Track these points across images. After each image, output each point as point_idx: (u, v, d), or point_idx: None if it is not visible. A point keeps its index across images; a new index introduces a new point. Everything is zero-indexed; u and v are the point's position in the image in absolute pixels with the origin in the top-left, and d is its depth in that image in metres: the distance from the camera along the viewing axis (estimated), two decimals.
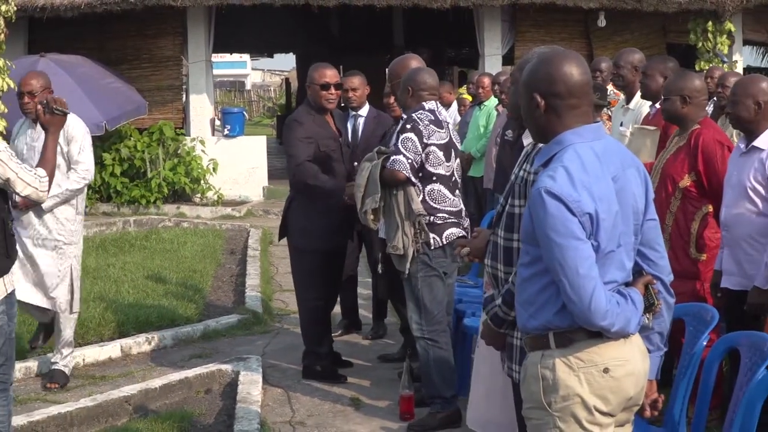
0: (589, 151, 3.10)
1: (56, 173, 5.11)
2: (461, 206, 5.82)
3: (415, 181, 5.60)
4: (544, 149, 3.23)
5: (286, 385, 6.59)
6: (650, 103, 6.61)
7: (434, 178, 5.66)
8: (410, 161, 5.56)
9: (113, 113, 13.69)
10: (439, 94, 5.95)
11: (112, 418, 5.90)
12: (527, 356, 3.23)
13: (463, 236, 5.63)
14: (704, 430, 4.24)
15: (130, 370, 6.95)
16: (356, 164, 6.52)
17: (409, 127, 5.63)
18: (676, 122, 5.64)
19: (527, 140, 4.15)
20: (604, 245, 3.03)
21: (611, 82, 7.80)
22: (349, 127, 7.35)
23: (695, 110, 5.50)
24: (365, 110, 7.58)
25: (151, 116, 15.18)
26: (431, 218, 5.63)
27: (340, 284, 6.99)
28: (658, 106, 6.29)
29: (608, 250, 3.05)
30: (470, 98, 11.53)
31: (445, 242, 5.65)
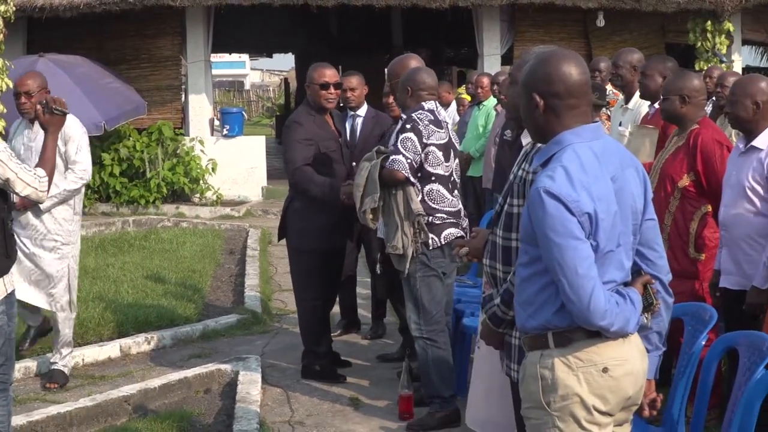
0: (588, 151, 3.10)
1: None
2: (460, 206, 5.81)
3: (414, 181, 5.60)
4: (543, 149, 3.23)
5: (285, 384, 6.59)
6: (649, 102, 6.61)
7: (433, 178, 5.65)
8: (409, 161, 5.55)
9: (112, 113, 13.70)
10: (438, 94, 5.95)
11: (111, 417, 5.90)
12: (526, 356, 3.23)
13: (461, 236, 5.63)
14: (703, 429, 4.24)
15: (129, 369, 6.94)
16: (355, 164, 6.53)
17: (408, 127, 5.62)
18: (675, 122, 5.65)
19: (526, 140, 4.15)
20: (603, 245, 3.03)
21: (610, 81, 7.80)
22: (347, 127, 7.34)
23: (694, 110, 5.51)
24: (363, 110, 7.59)
25: (150, 116, 15.19)
26: (430, 218, 5.63)
27: (338, 284, 6.99)
28: (656, 105, 6.29)
29: (607, 249, 3.05)
30: (469, 98, 11.53)
31: (443, 242, 5.64)
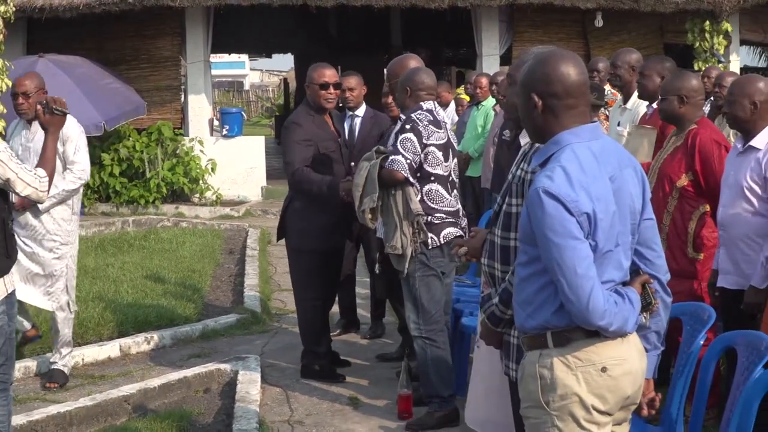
0: (586, 151, 3.10)
1: None
2: (458, 206, 5.82)
3: (413, 181, 5.60)
4: (541, 149, 3.23)
5: (284, 384, 6.60)
6: (647, 103, 6.62)
7: (432, 178, 5.66)
8: (409, 161, 5.56)
9: (112, 113, 13.71)
10: (436, 94, 5.95)
11: (111, 417, 5.91)
12: (525, 355, 3.23)
13: (460, 236, 5.64)
14: (701, 428, 4.24)
15: (129, 369, 6.95)
16: (353, 164, 6.53)
17: (408, 127, 5.63)
18: (673, 122, 5.65)
19: (524, 140, 4.16)
20: (601, 245, 3.04)
21: (608, 81, 7.81)
22: (345, 127, 7.35)
23: (692, 110, 5.51)
24: (362, 110, 7.60)
25: (149, 116, 15.20)
26: (429, 218, 5.63)
27: (338, 284, 7.00)
28: (655, 106, 6.30)
29: (606, 249, 3.06)
30: (468, 98, 11.53)
31: (442, 242, 5.65)
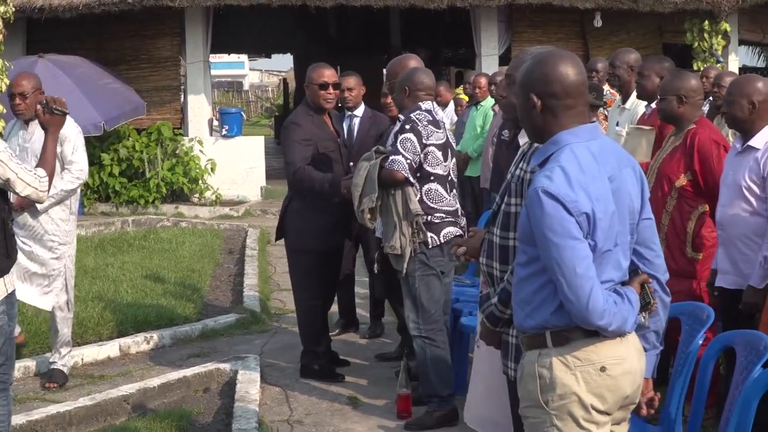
0: (585, 151, 3.10)
1: None
2: (457, 206, 5.83)
3: (413, 181, 5.61)
4: (540, 149, 3.23)
5: (284, 384, 6.60)
6: (646, 103, 6.62)
7: (432, 177, 5.67)
8: (409, 161, 5.56)
9: (112, 113, 13.72)
10: (435, 94, 5.96)
11: (110, 417, 5.91)
12: (524, 355, 3.23)
13: (460, 235, 5.65)
14: (700, 428, 4.23)
15: (128, 369, 6.95)
16: (352, 164, 6.54)
17: (408, 127, 5.63)
18: (672, 122, 5.65)
19: (523, 140, 4.17)
20: (600, 245, 3.04)
21: (607, 82, 7.82)
22: (344, 127, 7.35)
23: (691, 110, 5.52)
24: (361, 110, 7.61)
25: (149, 116, 15.22)
26: (429, 217, 5.64)
27: (337, 284, 7.01)
28: (653, 106, 6.30)
29: (605, 249, 3.06)
30: (467, 98, 11.54)
31: (443, 241, 5.65)
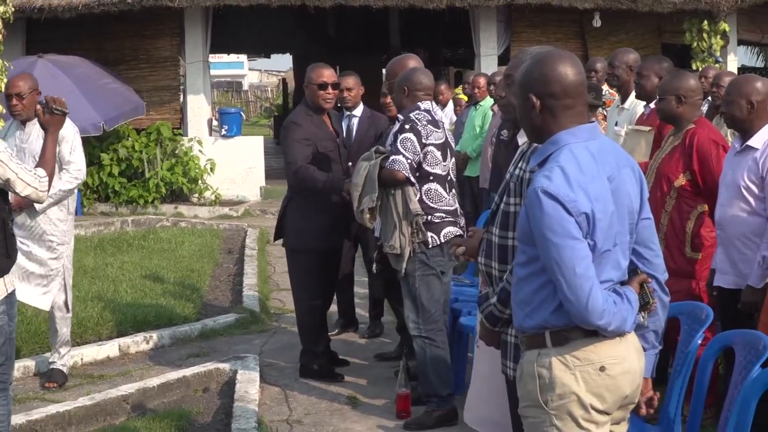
0: (584, 151, 3.10)
1: None
2: (456, 205, 5.83)
3: (413, 181, 5.62)
4: (539, 149, 3.23)
5: (283, 383, 6.61)
6: (644, 103, 6.62)
7: (431, 177, 5.67)
8: (409, 161, 5.56)
9: (111, 113, 13.72)
10: (434, 94, 5.96)
11: (110, 417, 5.91)
12: (523, 355, 3.23)
13: (460, 235, 5.65)
14: (699, 428, 4.24)
15: (128, 369, 6.96)
16: (351, 164, 6.55)
17: (407, 127, 5.64)
18: (671, 122, 5.66)
19: (522, 139, 4.17)
20: (600, 245, 3.04)
21: (606, 82, 7.82)
22: (343, 127, 7.36)
23: (690, 110, 5.52)
24: (359, 110, 7.61)
25: (148, 116, 15.23)
26: (429, 217, 5.64)
27: (336, 283, 7.01)
28: (652, 106, 6.31)
29: (604, 249, 3.06)
30: (466, 98, 11.55)
31: (442, 241, 5.66)
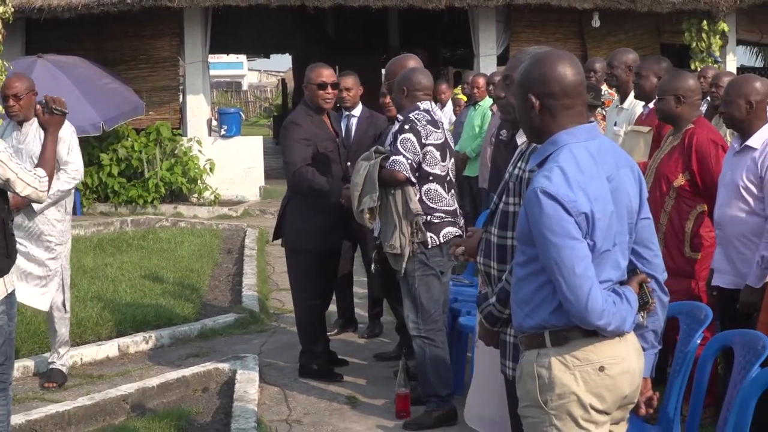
0: (583, 151, 3.11)
1: None
2: (455, 205, 5.83)
3: (414, 181, 5.62)
4: (539, 149, 3.24)
5: (282, 383, 6.61)
6: (643, 103, 6.62)
7: (431, 177, 5.67)
8: (410, 161, 5.57)
9: (111, 114, 13.73)
10: (433, 94, 5.97)
11: (109, 416, 5.92)
12: (523, 355, 3.23)
13: (459, 235, 5.65)
14: (698, 428, 4.24)
15: (127, 369, 6.96)
16: (349, 164, 6.55)
17: (407, 127, 5.64)
18: (670, 122, 5.66)
19: (521, 139, 4.18)
20: (599, 245, 3.04)
21: (605, 82, 7.82)
22: (342, 126, 7.36)
23: (689, 110, 5.52)
24: (358, 110, 7.62)
25: (148, 117, 15.24)
26: (428, 217, 5.64)
27: (335, 283, 7.02)
28: (651, 106, 6.31)
29: (604, 249, 3.06)
30: (465, 98, 11.55)
31: (442, 241, 5.66)
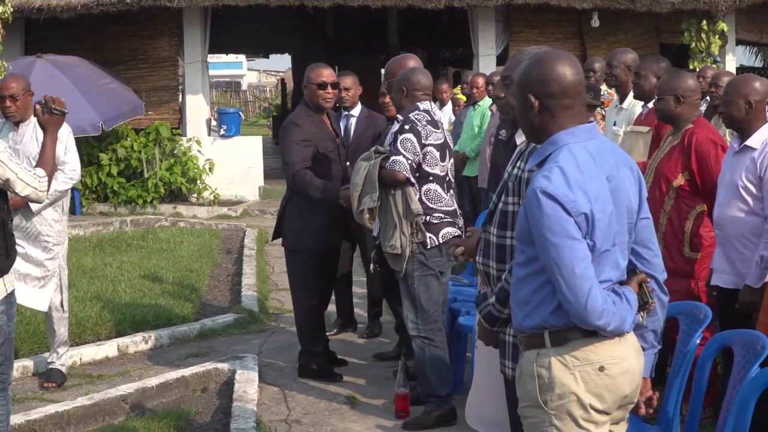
0: (583, 151, 3.10)
1: None
2: (455, 206, 5.83)
3: (414, 181, 5.62)
4: (538, 149, 3.23)
5: (282, 383, 6.61)
6: (643, 103, 6.62)
7: (431, 178, 5.67)
8: (410, 162, 5.56)
9: (110, 113, 13.73)
10: (432, 94, 5.97)
11: (109, 416, 5.91)
12: (523, 355, 3.23)
13: (458, 235, 5.65)
14: (698, 427, 4.24)
15: (127, 369, 6.96)
16: (348, 164, 6.55)
17: (407, 127, 5.64)
18: (669, 122, 5.66)
19: (520, 139, 4.18)
20: (599, 245, 3.04)
21: (605, 82, 7.82)
22: (341, 126, 7.36)
23: (689, 110, 5.52)
24: (357, 110, 7.62)
25: (147, 116, 15.24)
26: (428, 218, 5.64)
27: (334, 283, 7.02)
28: (650, 106, 6.31)
29: (603, 249, 3.06)
30: (464, 98, 11.55)
31: (441, 241, 5.65)
